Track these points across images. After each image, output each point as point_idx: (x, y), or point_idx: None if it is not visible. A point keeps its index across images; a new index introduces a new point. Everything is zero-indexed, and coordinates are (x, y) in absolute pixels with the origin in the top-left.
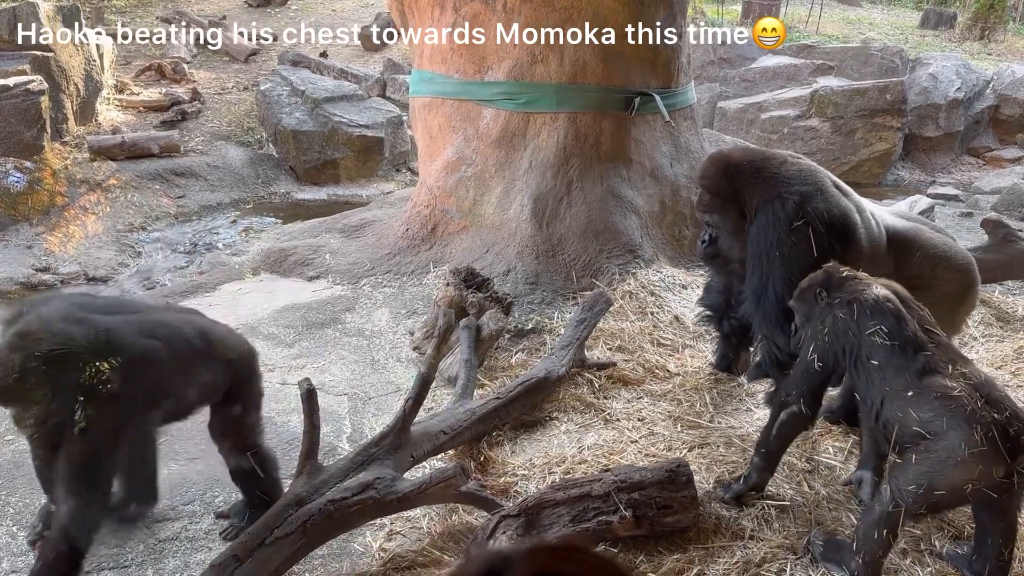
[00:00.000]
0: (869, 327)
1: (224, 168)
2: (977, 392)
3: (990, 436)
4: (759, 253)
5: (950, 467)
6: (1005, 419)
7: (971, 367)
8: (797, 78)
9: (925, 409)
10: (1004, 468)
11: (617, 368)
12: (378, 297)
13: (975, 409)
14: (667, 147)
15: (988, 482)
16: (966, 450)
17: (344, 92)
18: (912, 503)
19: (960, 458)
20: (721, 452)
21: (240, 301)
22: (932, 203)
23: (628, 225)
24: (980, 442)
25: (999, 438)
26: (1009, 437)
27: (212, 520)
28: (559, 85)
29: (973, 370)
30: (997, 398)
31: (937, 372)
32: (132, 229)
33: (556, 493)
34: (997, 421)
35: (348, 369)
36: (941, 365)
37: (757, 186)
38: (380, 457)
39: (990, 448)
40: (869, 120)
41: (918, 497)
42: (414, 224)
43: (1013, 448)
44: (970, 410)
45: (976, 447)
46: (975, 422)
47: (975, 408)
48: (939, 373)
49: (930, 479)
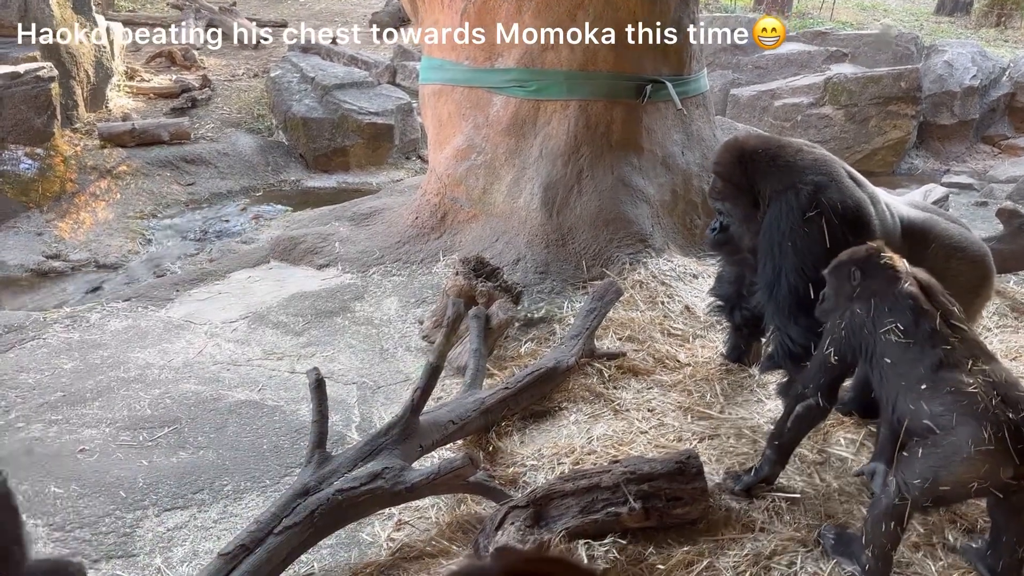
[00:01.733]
0: (885, 325)
1: (234, 155)
2: (994, 390)
3: (1000, 435)
4: (772, 243)
5: (955, 463)
6: (1021, 419)
7: (994, 364)
8: (811, 65)
9: (936, 403)
10: (1013, 469)
11: (627, 358)
12: (387, 286)
13: (988, 406)
14: (679, 135)
15: (995, 482)
16: (972, 447)
17: (354, 79)
18: (918, 496)
19: (966, 455)
20: (731, 443)
21: (250, 289)
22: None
23: (639, 214)
24: (988, 440)
25: (1010, 438)
26: (1022, 438)
27: (221, 508)
28: (570, 72)
29: (996, 367)
30: (1015, 398)
31: (955, 367)
32: (142, 216)
33: (565, 484)
34: (1011, 421)
35: (357, 358)
36: (960, 360)
37: (771, 175)
38: (389, 447)
39: (998, 447)
40: (883, 108)
41: (923, 491)
42: (424, 212)
43: (1021, 449)
44: (982, 407)
45: (983, 445)
46: (985, 419)
47: (988, 405)
48: (957, 368)
49: (936, 473)
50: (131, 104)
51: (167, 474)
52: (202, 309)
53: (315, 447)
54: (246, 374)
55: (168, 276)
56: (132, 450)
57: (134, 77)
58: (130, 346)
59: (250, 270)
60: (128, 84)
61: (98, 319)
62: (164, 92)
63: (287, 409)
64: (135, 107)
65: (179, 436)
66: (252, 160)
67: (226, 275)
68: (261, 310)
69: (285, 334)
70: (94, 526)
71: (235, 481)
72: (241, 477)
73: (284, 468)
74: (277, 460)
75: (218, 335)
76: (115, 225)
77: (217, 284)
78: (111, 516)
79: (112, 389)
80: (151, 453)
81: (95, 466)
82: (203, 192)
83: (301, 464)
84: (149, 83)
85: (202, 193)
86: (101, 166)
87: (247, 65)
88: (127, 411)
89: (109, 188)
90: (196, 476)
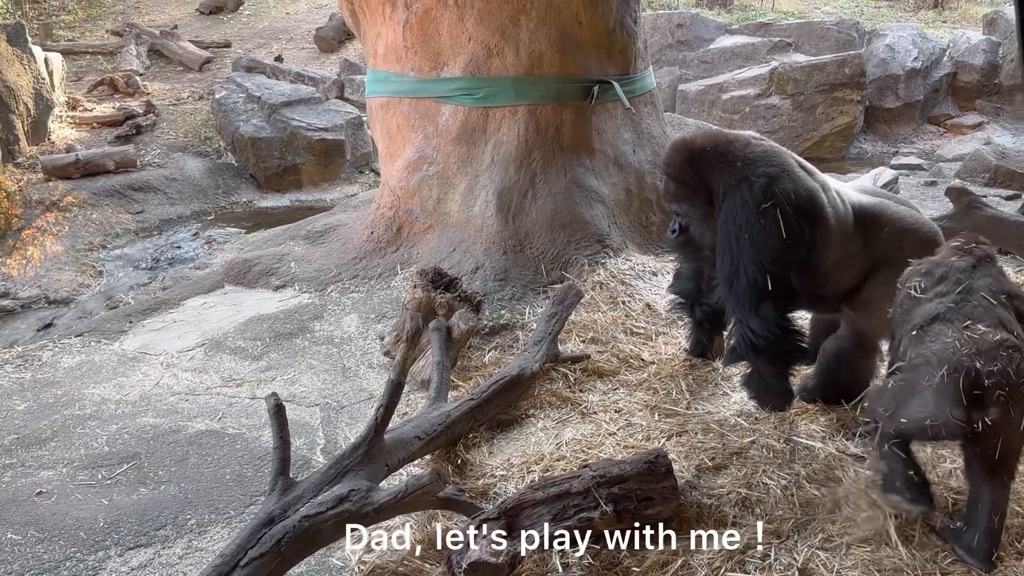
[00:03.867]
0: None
1: (183, 180)
2: (976, 344)
3: (954, 376)
4: (729, 237)
5: (910, 396)
6: (988, 371)
7: (999, 332)
8: (755, 57)
9: (917, 346)
10: (961, 411)
11: (591, 360)
12: (346, 303)
13: (955, 351)
14: (629, 134)
15: (945, 422)
16: (928, 382)
17: (301, 96)
18: (883, 425)
19: (918, 388)
20: (699, 439)
21: (205, 316)
22: (896, 174)
23: (595, 215)
24: (942, 379)
25: (966, 382)
26: (981, 386)
27: (186, 543)
28: (516, 78)
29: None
30: (993, 354)
31: (948, 322)
32: (92, 248)
33: (536, 492)
34: (977, 369)
35: (319, 379)
36: (957, 319)
37: (722, 171)
38: (354, 468)
39: (950, 386)
40: (829, 95)
41: (886, 420)
42: (379, 226)
43: (978, 397)
44: (950, 352)
45: (933, 382)
46: (946, 362)
47: (956, 350)
48: (950, 324)
49: (897, 402)
50: (74, 135)
51: (128, 512)
52: (157, 339)
53: (278, 474)
54: (205, 403)
55: (121, 308)
56: (91, 489)
57: (76, 107)
58: (84, 382)
59: (204, 296)
60: (70, 114)
61: (50, 357)
62: (108, 120)
63: (249, 436)
64: (79, 137)
65: (139, 472)
66: (201, 184)
67: (180, 303)
68: (218, 336)
69: (244, 359)
70: (55, 571)
71: (199, 514)
72: (205, 510)
73: (248, 497)
74: (241, 490)
75: (174, 365)
76: (64, 259)
77: (171, 313)
78: (72, 559)
79: (68, 428)
80: (111, 491)
81: (53, 509)
82: (153, 219)
83: (265, 492)
84: (92, 112)
85: (152, 220)
86: (47, 199)
87: (192, 88)
88: (84, 449)
89: (56, 221)
90: (158, 512)
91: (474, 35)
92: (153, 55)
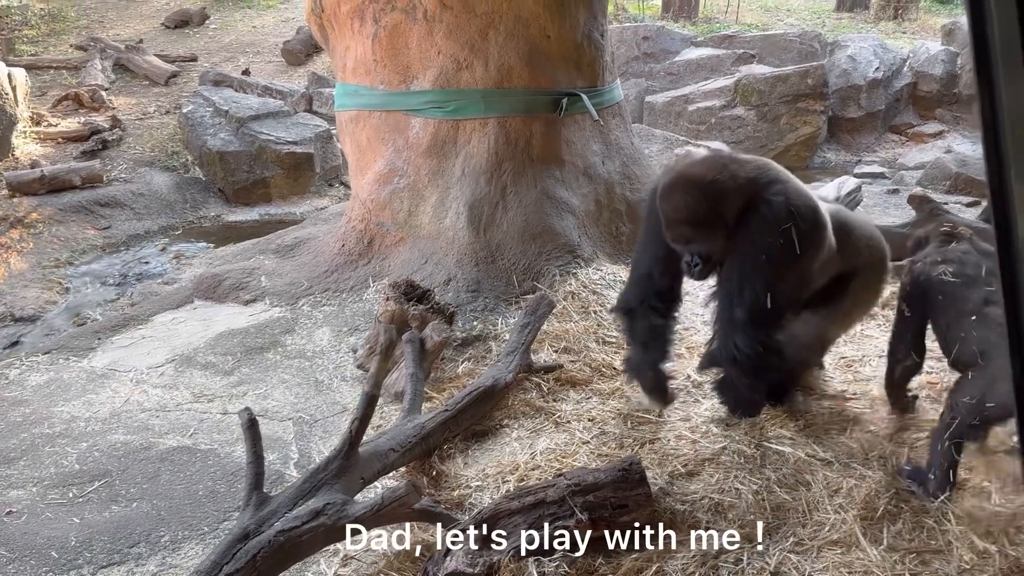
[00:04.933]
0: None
1: (150, 195)
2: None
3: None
4: (745, 257)
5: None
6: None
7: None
8: (720, 69)
9: (981, 330)
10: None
11: (564, 370)
12: (318, 316)
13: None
14: (598, 145)
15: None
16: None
17: (269, 109)
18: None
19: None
20: (672, 445)
21: (175, 331)
22: (859, 183)
23: (565, 226)
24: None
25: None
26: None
27: (160, 560)
28: (486, 91)
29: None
30: None
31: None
32: (58, 264)
33: (511, 502)
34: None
35: (292, 393)
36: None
37: (731, 195)
38: (329, 482)
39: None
40: (793, 105)
41: (970, 408)
42: (350, 239)
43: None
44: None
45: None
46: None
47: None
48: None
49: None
50: (39, 150)
51: (100, 530)
52: (126, 356)
53: (252, 489)
54: (176, 419)
55: (89, 324)
56: (62, 508)
57: (40, 122)
58: (53, 400)
59: (174, 311)
60: (35, 130)
61: (17, 375)
62: (73, 136)
63: (221, 452)
64: (44, 153)
65: (110, 489)
66: (169, 198)
67: (149, 319)
68: (188, 352)
69: (215, 375)
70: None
71: (172, 531)
72: (178, 526)
73: (222, 513)
74: (214, 506)
75: (144, 381)
76: (30, 276)
77: (140, 329)
78: None
79: (37, 446)
80: (82, 509)
81: (23, 528)
82: (120, 235)
83: (239, 508)
84: (57, 127)
85: (119, 236)
86: (11, 216)
87: (158, 102)
88: (54, 468)
89: (21, 238)
90: (131, 529)
91: (443, 49)
92: (118, 69)
